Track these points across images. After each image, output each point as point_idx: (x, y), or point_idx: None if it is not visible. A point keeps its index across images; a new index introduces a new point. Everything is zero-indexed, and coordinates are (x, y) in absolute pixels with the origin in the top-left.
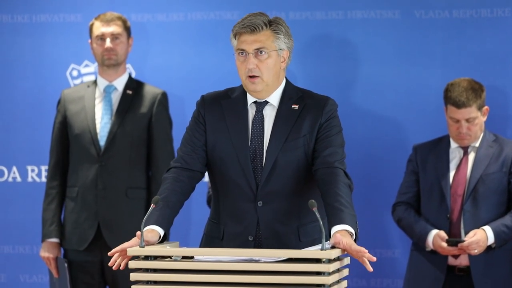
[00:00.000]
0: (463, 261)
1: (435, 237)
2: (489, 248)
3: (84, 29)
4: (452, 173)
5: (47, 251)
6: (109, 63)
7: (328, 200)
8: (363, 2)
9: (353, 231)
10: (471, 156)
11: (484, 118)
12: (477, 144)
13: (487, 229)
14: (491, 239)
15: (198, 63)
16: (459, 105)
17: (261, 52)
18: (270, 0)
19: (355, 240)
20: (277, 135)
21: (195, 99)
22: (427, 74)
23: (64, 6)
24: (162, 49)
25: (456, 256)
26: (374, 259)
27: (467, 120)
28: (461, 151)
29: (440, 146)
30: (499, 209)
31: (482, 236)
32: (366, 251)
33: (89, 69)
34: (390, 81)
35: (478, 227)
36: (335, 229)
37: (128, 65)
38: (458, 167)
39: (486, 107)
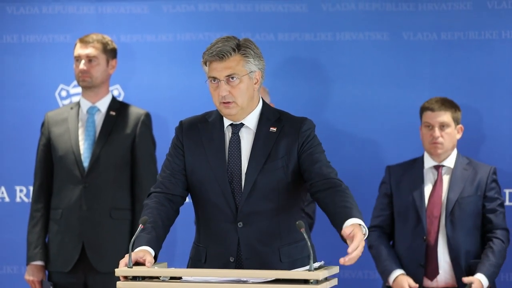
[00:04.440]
0: (440, 283)
1: (401, 278)
2: (466, 273)
3: (73, 49)
4: (427, 195)
5: (31, 275)
6: (83, 84)
7: (334, 202)
8: (351, 24)
9: (366, 229)
10: (446, 178)
11: (459, 136)
12: (451, 165)
13: (481, 277)
14: (486, 284)
15: (186, 84)
16: (434, 109)
17: (232, 78)
18: (258, 22)
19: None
20: (256, 156)
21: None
22: (415, 96)
23: (53, 27)
24: (151, 70)
25: (432, 278)
26: (351, 261)
27: (441, 127)
28: (435, 172)
29: (414, 167)
30: (475, 233)
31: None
32: (356, 252)
33: (78, 90)
34: (378, 102)
35: (455, 250)
36: (349, 222)
37: (117, 86)
38: (433, 188)
39: (461, 125)
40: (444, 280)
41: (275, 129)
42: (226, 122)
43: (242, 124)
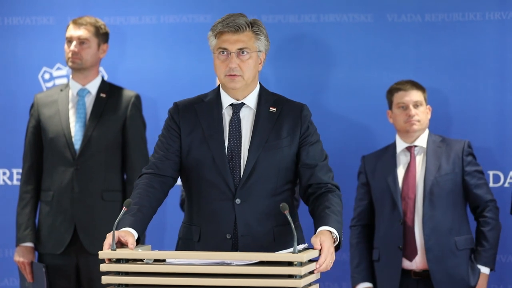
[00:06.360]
0: (419, 264)
1: None
2: (451, 251)
3: (56, 32)
4: (401, 178)
5: (21, 256)
6: (72, 66)
7: (318, 210)
8: (335, 6)
9: (337, 234)
10: (420, 158)
11: (429, 116)
12: (424, 145)
13: (482, 269)
14: (487, 271)
15: (171, 66)
16: (406, 89)
17: (243, 52)
18: (243, 3)
19: (338, 246)
20: (258, 135)
21: (168, 102)
22: (399, 78)
23: (36, 9)
24: (135, 52)
25: (411, 259)
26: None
27: (415, 105)
28: (408, 154)
29: (387, 153)
30: (456, 209)
31: (484, 280)
32: (325, 265)
33: (61, 72)
34: (362, 84)
35: (437, 229)
36: (320, 229)
37: (101, 68)
38: (407, 170)
39: (429, 106)
40: (423, 260)
41: (274, 109)
42: (225, 102)
43: (242, 104)
